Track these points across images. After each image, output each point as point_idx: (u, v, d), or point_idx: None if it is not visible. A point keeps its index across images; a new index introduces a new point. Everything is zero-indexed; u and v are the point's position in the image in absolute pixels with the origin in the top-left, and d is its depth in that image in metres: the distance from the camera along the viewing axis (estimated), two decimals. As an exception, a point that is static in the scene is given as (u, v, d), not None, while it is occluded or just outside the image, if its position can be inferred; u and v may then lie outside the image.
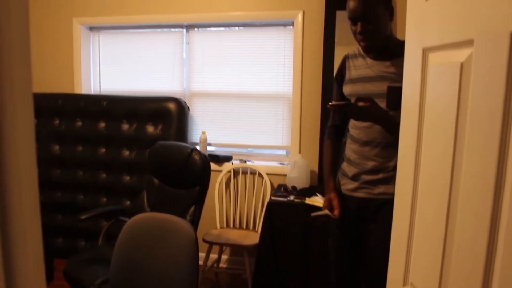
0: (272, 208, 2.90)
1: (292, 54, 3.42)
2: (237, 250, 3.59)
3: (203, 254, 3.16)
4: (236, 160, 3.59)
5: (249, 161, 3.56)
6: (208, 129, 3.66)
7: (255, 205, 3.48)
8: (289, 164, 3.37)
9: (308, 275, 2.84)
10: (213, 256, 3.42)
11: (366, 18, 1.72)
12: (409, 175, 1.09)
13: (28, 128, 0.49)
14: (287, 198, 2.99)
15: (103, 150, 3.39)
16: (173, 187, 2.67)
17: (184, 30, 3.66)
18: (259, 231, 3.04)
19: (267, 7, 3.38)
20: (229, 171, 3.53)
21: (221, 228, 3.39)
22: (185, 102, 3.44)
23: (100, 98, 3.44)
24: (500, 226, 0.71)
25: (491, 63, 0.72)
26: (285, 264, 2.87)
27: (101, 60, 3.90)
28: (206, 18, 3.52)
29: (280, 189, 3.20)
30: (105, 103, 3.39)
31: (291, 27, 3.43)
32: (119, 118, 3.36)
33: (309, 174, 3.25)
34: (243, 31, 3.58)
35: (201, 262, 3.18)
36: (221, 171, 3.51)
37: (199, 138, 3.57)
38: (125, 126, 3.35)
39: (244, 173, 3.55)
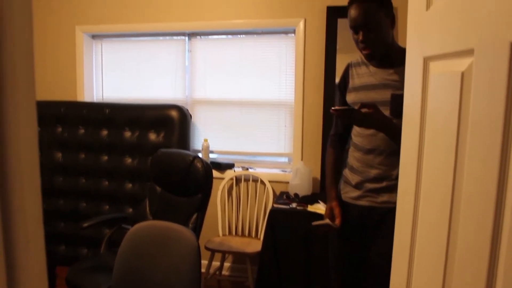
0: (274, 216, 2.90)
1: (294, 62, 3.43)
2: (240, 258, 3.58)
3: (206, 262, 3.15)
4: (238, 168, 3.59)
5: (251, 169, 3.57)
6: (210, 137, 3.67)
7: (257, 213, 3.48)
8: (291, 172, 3.37)
9: (310, 283, 2.83)
10: (216, 264, 3.41)
11: (368, 27, 1.72)
12: (411, 183, 1.09)
13: (31, 136, 0.50)
14: (289, 206, 2.98)
15: (106, 158, 3.39)
16: (175, 195, 2.67)
17: (186, 38, 3.68)
18: (261, 239, 3.04)
19: (269, 15, 3.40)
20: (231, 179, 3.54)
21: (223, 236, 3.38)
22: (187, 110, 3.44)
23: (103, 106, 3.45)
24: (503, 234, 0.71)
25: (492, 73, 0.72)
26: (287, 272, 2.86)
27: (104, 68, 3.93)
28: (208, 26, 3.54)
29: (282, 197, 3.20)
30: (108, 111, 3.40)
31: (293, 35, 3.44)
32: (122, 126, 3.37)
33: (311, 181, 3.25)
34: (245, 39, 3.60)
35: (204, 270, 3.17)
36: (223, 179, 3.51)
37: (201, 146, 3.57)
38: (128, 134, 3.35)
39: (246, 181, 3.55)
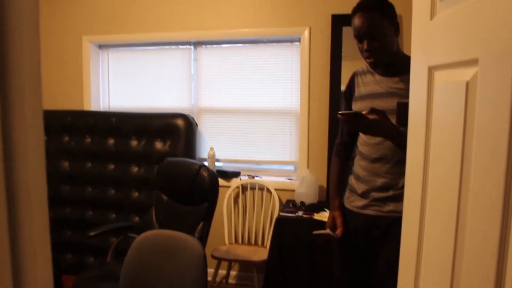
0: (281, 224, 2.89)
1: (299, 70, 3.44)
2: (246, 266, 3.57)
3: (212, 270, 3.15)
4: (244, 176, 3.60)
5: (257, 177, 3.57)
6: (216, 145, 3.67)
7: (264, 221, 3.47)
8: (297, 180, 3.37)
9: (317, 292, 2.82)
10: (222, 272, 3.40)
11: (372, 35, 1.72)
12: (417, 192, 1.08)
13: (38, 145, 0.50)
14: (296, 214, 2.98)
15: (112, 167, 3.40)
16: (182, 204, 2.67)
17: (192, 47, 3.70)
18: (268, 247, 3.03)
19: (274, 24, 3.42)
20: (238, 187, 3.54)
21: (230, 244, 3.38)
22: (193, 118, 3.46)
23: (109, 115, 3.47)
24: (510, 242, 0.71)
25: (496, 82, 0.72)
26: (294, 280, 2.85)
27: (110, 77, 3.95)
28: (214, 35, 3.56)
29: (289, 205, 3.20)
30: (114, 120, 3.42)
31: (298, 43, 3.46)
32: (128, 135, 3.39)
33: (318, 190, 3.24)
34: (251, 48, 3.61)
35: (210, 278, 3.17)
36: (230, 187, 3.51)
37: (207, 154, 3.58)
38: (134, 143, 3.37)
39: (253, 189, 3.55)
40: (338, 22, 3.26)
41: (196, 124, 3.50)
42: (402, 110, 1.72)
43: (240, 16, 3.49)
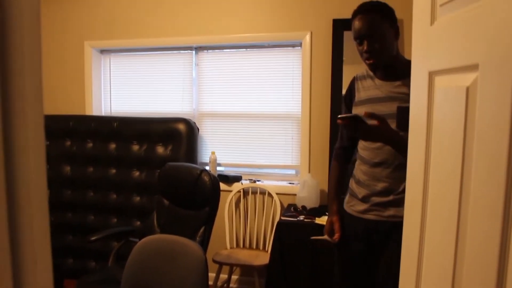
0: (282, 228, 2.89)
1: (301, 74, 3.44)
2: (247, 270, 3.57)
3: (213, 274, 3.15)
4: (246, 180, 3.60)
5: (259, 181, 3.57)
6: (218, 149, 3.68)
7: (265, 225, 3.47)
8: (299, 184, 3.37)
9: (319, 296, 2.82)
10: (223, 277, 3.40)
11: (372, 36, 1.73)
12: (418, 196, 1.08)
13: (39, 150, 0.50)
14: (297, 218, 2.98)
15: (114, 171, 3.41)
16: (183, 208, 2.67)
17: (193, 52, 3.71)
18: (269, 251, 3.03)
19: (275, 29, 3.43)
20: (239, 191, 3.54)
21: (231, 248, 3.38)
22: (195, 123, 3.46)
23: (111, 120, 3.48)
24: (511, 245, 0.71)
25: (496, 88, 0.73)
26: (295, 285, 2.84)
27: (112, 82, 3.97)
28: (215, 40, 3.57)
29: (290, 209, 3.19)
30: (116, 125, 3.43)
31: (299, 48, 3.46)
32: (130, 139, 3.39)
33: (319, 194, 3.24)
34: (252, 52, 3.62)
35: (211, 283, 3.17)
36: (231, 191, 3.51)
37: (209, 158, 3.59)
38: (136, 147, 3.37)
39: (254, 193, 3.55)
40: (339, 27, 3.27)
41: (198, 129, 3.51)
42: (402, 115, 1.72)
43: (241, 21, 3.50)
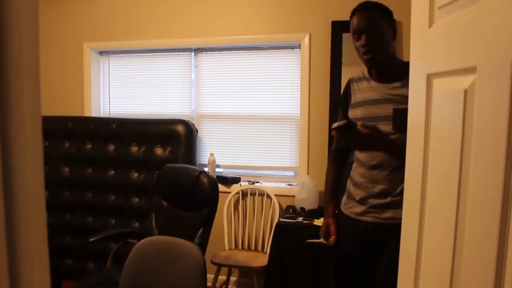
0: (281, 230, 2.89)
1: (300, 76, 3.45)
2: (246, 272, 3.57)
3: (212, 276, 3.15)
4: (245, 182, 3.60)
5: (258, 183, 3.57)
6: (217, 151, 3.68)
7: (264, 227, 3.47)
8: (298, 185, 3.37)
9: (317, 298, 2.82)
10: (222, 278, 3.39)
11: (371, 31, 1.74)
12: (416, 197, 1.09)
13: (37, 152, 0.50)
14: (296, 220, 2.98)
15: (112, 172, 3.41)
16: (182, 210, 2.67)
17: (193, 54, 3.72)
18: (268, 253, 3.03)
19: (275, 30, 3.43)
20: (238, 193, 3.54)
21: (230, 250, 3.38)
22: (194, 124, 3.46)
23: (110, 121, 3.47)
24: (508, 247, 0.71)
25: (494, 91, 0.73)
26: (294, 286, 2.84)
27: (111, 83, 3.96)
28: (214, 42, 3.57)
29: (289, 211, 3.20)
30: (115, 126, 3.42)
31: (299, 50, 3.47)
32: (128, 141, 3.39)
33: (318, 195, 3.24)
34: (251, 54, 3.62)
35: (210, 284, 3.17)
36: (230, 193, 3.51)
37: (208, 160, 3.59)
38: (134, 149, 3.37)
39: (253, 195, 3.55)
40: (338, 29, 3.28)
41: (197, 130, 3.51)
42: (398, 116, 1.72)
43: (241, 23, 3.50)
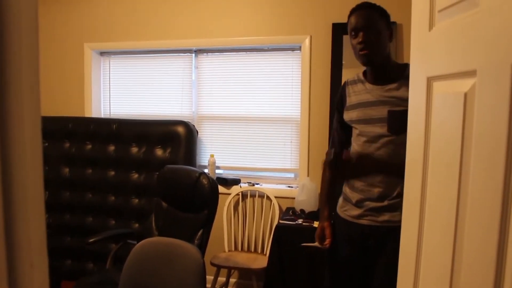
0: (280, 232, 2.89)
1: (300, 78, 3.45)
2: (245, 274, 3.56)
3: (211, 277, 3.14)
4: (245, 183, 3.60)
5: (258, 184, 3.57)
6: (217, 152, 3.68)
7: (263, 228, 3.47)
8: (298, 187, 3.37)
9: (317, 300, 2.81)
10: (221, 280, 3.39)
11: (369, 29, 1.75)
12: (416, 199, 1.09)
13: (36, 150, 0.50)
14: (295, 222, 2.98)
15: (112, 173, 3.41)
16: (181, 211, 2.67)
17: (193, 55, 3.72)
18: (267, 255, 3.02)
19: (275, 32, 3.44)
20: (238, 194, 3.54)
21: (229, 251, 3.37)
22: (194, 126, 3.46)
23: (110, 122, 3.47)
24: (508, 250, 0.71)
25: (494, 94, 0.73)
26: (293, 288, 2.85)
27: (111, 84, 3.97)
28: (215, 43, 3.57)
29: (289, 212, 3.19)
30: (115, 127, 3.43)
31: (299, 51, 3.47)
32: (129, 141, 3.39)
33: (318, 197, 3.24)
34: (252, 55, 3.63)
35: (209, 286, 3.16)
36: (230, 194, 3.51)
37: (208, 161, 3.59)
38: (134, 149, 3.37)
39: (253, 196, 3.55)
40: (339, 31, 3.28)
41: (197, 131, 3.51)
42: (393, 118, 1.73)
43: (241, 24, 3.50)
